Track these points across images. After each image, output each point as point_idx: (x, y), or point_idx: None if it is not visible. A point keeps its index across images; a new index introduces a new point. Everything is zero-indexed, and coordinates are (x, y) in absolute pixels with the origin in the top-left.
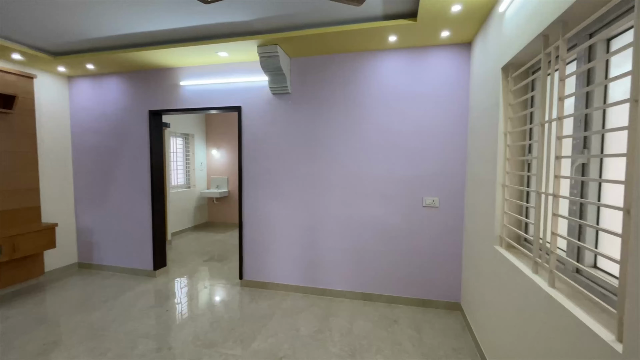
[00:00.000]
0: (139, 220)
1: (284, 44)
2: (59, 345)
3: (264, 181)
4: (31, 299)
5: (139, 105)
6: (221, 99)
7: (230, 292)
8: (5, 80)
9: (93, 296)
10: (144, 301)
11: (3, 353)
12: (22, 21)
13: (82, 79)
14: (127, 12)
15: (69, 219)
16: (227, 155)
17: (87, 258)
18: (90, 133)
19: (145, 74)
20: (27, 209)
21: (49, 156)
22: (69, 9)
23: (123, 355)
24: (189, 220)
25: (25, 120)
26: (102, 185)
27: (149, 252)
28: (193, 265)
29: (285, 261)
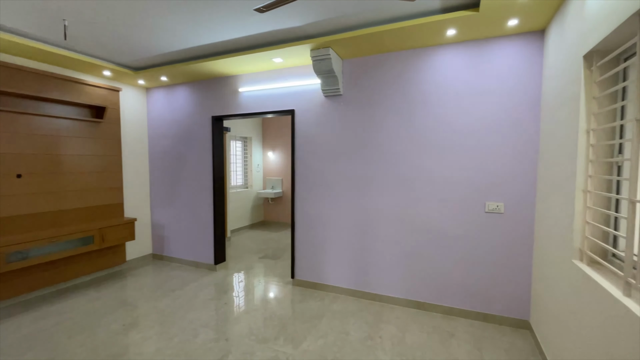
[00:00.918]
0: (202, 218)
1: (336, 46)
2: (135, 327)
3: (315, 182)
4: (115, 284)
5: (203, 112)
6: (276, 103)
7: (282, 290)
8: (98, 94)
9: (163, 285)
10: (206, 293)
11: (93, 328)
12: (110, 42)
13: (157, 90)
14: (192, 27)
15: (145, 214)
16: (281, 157)
17: (160, 250)
18: (162, 138)
19: (209, 82)
20: (113, 205)
21: (131, 159)
22: (148, 29)
23: (187, 341)
24: (246, 218)
25: (113, 127)
26: (172, 185)
27: (210, 247)
28: (249, 261)
29: (336, 263)
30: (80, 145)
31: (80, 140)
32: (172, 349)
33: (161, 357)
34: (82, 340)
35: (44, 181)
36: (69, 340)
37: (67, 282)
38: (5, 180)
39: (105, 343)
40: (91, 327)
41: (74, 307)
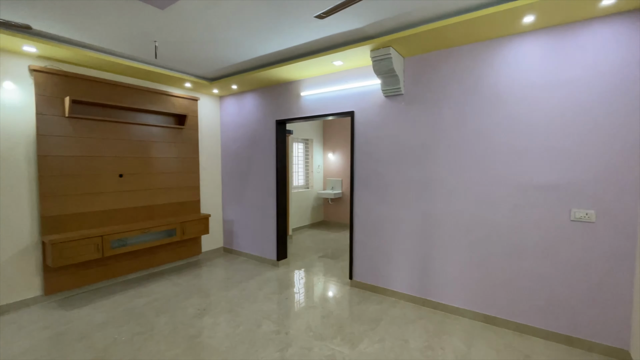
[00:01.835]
0: (266, 216)
1: (397, 44)
2: (208, 313)
3: (374, 184)
4: (192, 272)
5: (268, 116)
6: (336, 105)
7: (340, 290)
8: (180, 104)
9: (232, 276)
10: (269, 287)
11: (175, 310)
12: (191, 58)
13: (229, 97)
14: (259, 39)
15: (217, 211)
16: (341, 158)
17: (229, 244)
18: (233, 141)
19: (273, 88)
20: (192, 202)
21: (206, 161)
22: (222, 44)
23: (250, 331)
24: (307, 218)
25: (192, 133)
26: (240, 185)
27: (273, 244)
28: (309, 260)
29: (397, 268)
30: (166, 149)
31: (166, 144)
32: (238, 336)
33: (229, 342)
34: (166, 319)
35: (139, 180)
36: (156, 318)
37: (155, 268)
38: (110, 179)
39: (183, 324)
40: (173, 308)
41: (160, 290)
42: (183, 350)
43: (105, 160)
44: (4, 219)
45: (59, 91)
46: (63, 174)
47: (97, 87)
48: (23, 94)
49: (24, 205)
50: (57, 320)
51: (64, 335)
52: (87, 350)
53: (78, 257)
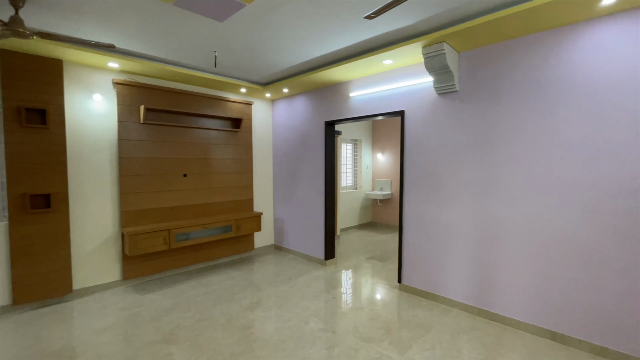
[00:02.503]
0: (314, 215)
1: (451, 39)
2: (259, 306)
3: (425, 185)
4: (245, 267)
5: (317, 118)
6: (385, 104)
7: (388, 293)
8: (236, 108)
9: (282, 273)
10: (316, 285)
11: (230, 301)
12: (246, 65)
13: (280, 101)
14: (309, 42)
15: (269, 210)
16: (390, 159)
17: (280, 241)
18: (283, 143)
19: (322, 90)
20: (245, 201)
21: (259, 162)
22: (274, 50)
23: (299, 327)
24: (354, 218)
25: (246, 135)
26: (290, 185)
27: (321, 243)
28: (357, 260)
29: (450, 273)
30: (223, 150)
31: (223, 146)
32: (287, 331)
33: (278, 336)
34: (222, 309)
35: (200, 180)
36: (214, 307)
37: (213, 261)
38: (176, 179)
39: (237, 315)
40: (229, 299)
41: (217, 282)
42: (237, 339)
43: (172, 162)
44: (93, 213)
45: (135, 100)
46: (138, 174)
47: (166, 96)
48: (108, 104)
49: (108, 201)
50: (133, 302)
51: (137, 316)
52: (156, 332)
53: (149, 248)
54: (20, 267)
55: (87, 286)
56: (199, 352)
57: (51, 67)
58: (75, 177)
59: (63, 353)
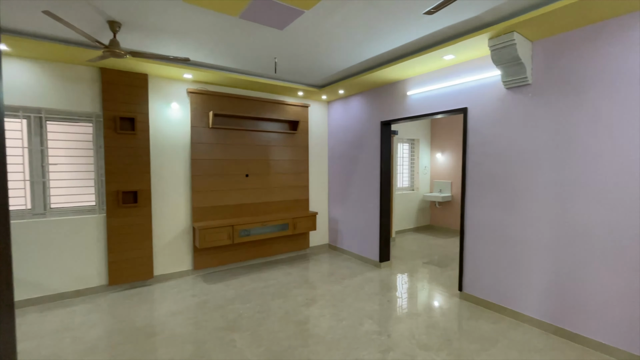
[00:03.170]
0: (369, 217)
1: (523, 28)
2: (314, 303)
3: (491, 188)
4: (301, 264)
5: (373, 118)
6: (446, 102)
7: (448, 301)
8: (293, 111)
9: (336, 272)
10: (370, 287)
11: (286, 296)
12: (303, 69)
13: (336, 102)
14: (365, 42)
15: (324, 209)
16: (451, 159)
17: (334, 241)
18: (339, 144)
19: (378, 90)
20: (301, 200)
21: (314, 162)
22: (331, 53)
23: (353, 327)
24: (411, 221)
25: (302, 137)
26: (345, 185)
27: (376, 245)
28: (413, 265)
29: (520, 284)
30: (281, 152)
31: (281, 148)
32: (341, 330)
33: (332, 334)
34: (280, 303)
35: (260, 179)
36: (272, 301)
37: (271, 257)
38: (239, 178)
39: (294, 310)
40: (285, 295)
41: (274, 277)
42: (293, 333)
43: (235, 163)
44: (170, 208)
45: (205, 107)
46: (206, 174)
47: (231, 102)
48: (183, 111)
49: (182, 198)
50: (201, 290)
51: (206, 303)
52: (221, 319)
53: (216, 242)
54: (114, 253)
55: (165, 273)
56: (259, 342)
57: (139, 80)
58: (156, 176)
59: (146, 330)
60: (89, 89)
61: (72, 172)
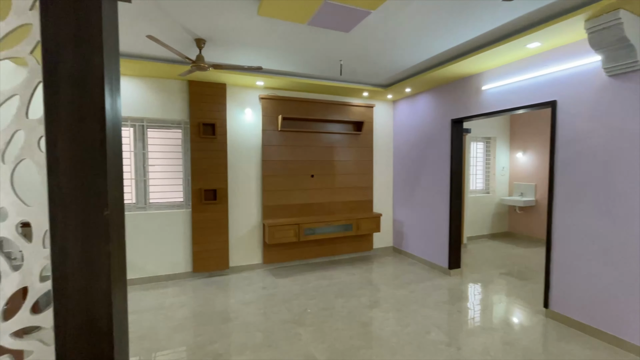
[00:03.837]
0: (437, 220)
1: (631, 3)
2: (378, 306)
3: (587, 191)
4: (364, 266)
5: (442, 116)
6: (529, 96)
7: (530, 318)
8: (358, 112)
9: (400, 277)
10: (438, 295)
11: (349, 296)
12: (368, 69)
13: (402, 101)
14: (434, 37)
15: (388, 211)
16: (535, 159)
17: (399, 244)
18: (404, 144)
19: (448, 86)
20: (365, 202)
21: (379, 163)
22: (396, 51)
23: (418, 334)
24: (485, 227)
25: (367, 137)
26: (411, 186)
27: (445, 250)
28: (488, 274)
29: (623, 306)
30: (345, 153)
31: (345, 149)
32: (406, 336)
33: (396, 339)
34: (343, 302)
35: (324, 180)
36: (335, 299)
37: (334, 257)
38: (304, 179)
39: (357, 310)
40: (348, 294)
41: (338, 276)
42: (357, 333)
43: (302, 164)
44: (243, 206)
45: (274, 111)
46: (275, 174)
47: (298, 105)
48: (255, 116)
49: (253, 197)
50: (270, 284)
51: (273, 296)
52: (288, 312)
53: (283, 239)
54: (198, 244)
55: (238, 265)
56: (323, 338)
57: (218, 90)
58: (232, 176)
59: (222, 315)
60: (179, 99)
61: (166, 172)
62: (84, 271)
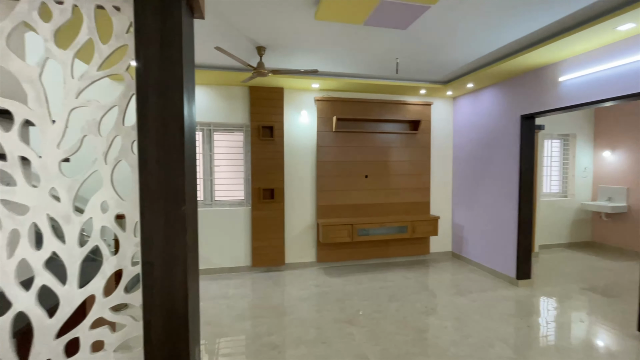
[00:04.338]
0: (504, 225)
1: None
2: (435, 313)
3: None
4: (420, 270)
5: (509, 112)
6: (620, 85)
7: (619, 343)
8: (415, 110)
9: (460, 284)
10: (504, 307)
11: (403, 300)
12: (426, 65)
13: (462, 97)
14: (500, 30)
15: (447, 214)
16: (627, 159)
17: (458, 249)
18: (466, 143)
19: (517, 79)
20: (421, 203)
21: (436, 163)
22: (457, 46)
23: (481, 347)
24: (562, 234)
25: (424, 137)
26: (472, 188)
27: (512, 259)
28: (565, 288)
29: None
30: (399, 153)
31: (400, 149)
32: (467, 348)
33: (455, 349)
34: (397, 306)
35: (378, 181)
36: (389, 302)
37: (388, 259)
38: (358, 179)
39: (411, 315)
40: (403, 299)
41: (392, 279)
42: (412, 339)
43: (355, 164)
44: (298, 205)
45: (329, 112)
46: (329, 174)
47: (352, 106)
48: (310, 118)
49: (308, 196)
50: (323, 282)
51: (326, 294)
52: (341, 312)
53: (337, 238)
54: (257, 240)
55: (293, 262)
56: (376, 340)
57: (276, 94)
58: (288, 176)
59: (279, 309)
60: (241, 104)
61: (229, 172)
62: (165, 259)
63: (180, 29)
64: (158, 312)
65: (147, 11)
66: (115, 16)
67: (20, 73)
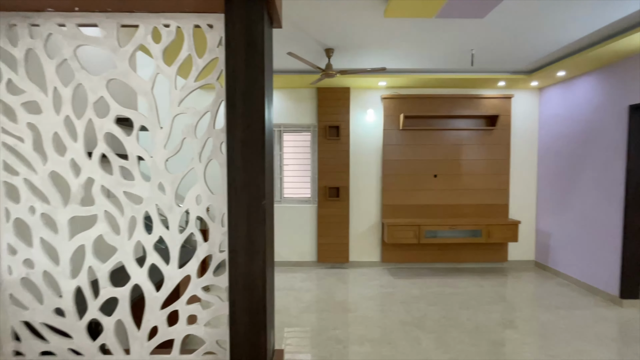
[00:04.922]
0: (603, 234)
1: None
2: (513, 327)
3: None
4: (496, 279)
5: (614, 102)
6: None
7: None
8: (491, 104)
9: (545, 298)
10: (603, 328)
11: (476, 309)
12: (505, 55)
13: (551, 88)
14: (598, 7)
15: (530, 218)
16: None
17: (543, 259)
18: (555, 139)
19: (623, 64)
20: (498, 206)
21: (517, 162)
22: (545, 30)
23: None
24: None
25: (503, 133)
26: (563, 191)
27: (615, 273)
28: None
29: None
30: (474, 151)
31: (475, 147)
32: None
33: None
34: (468, 314)
35: (449, 180)
36: (459, 310)
37: (458, 264)
38: (426, 179)
39: (485, 326)
40: (475, 307)
41: (463, 286)
42: (486, 352)
43: (424, 163)
44: (364, 204)
45: (396, 110)
46: (395, 174)
47: (421, 102)
48: (376, 116)
49: (373, 196)
50: (388, 282)
51: (391, 295)
52: (406, 314)
53: (402, 239)
54: (322, 237)
55: (357, 260)
56: (445, 348)
57: (342, 93)
58: (354, 175)
59: (342, 305)
60: (309, 105)
61: (297, 170)
62: (247, 248)
63: (262, 39)
64: (241, 294)
65: (236, 25)
66: (209, 33)
67: (138, 87)
